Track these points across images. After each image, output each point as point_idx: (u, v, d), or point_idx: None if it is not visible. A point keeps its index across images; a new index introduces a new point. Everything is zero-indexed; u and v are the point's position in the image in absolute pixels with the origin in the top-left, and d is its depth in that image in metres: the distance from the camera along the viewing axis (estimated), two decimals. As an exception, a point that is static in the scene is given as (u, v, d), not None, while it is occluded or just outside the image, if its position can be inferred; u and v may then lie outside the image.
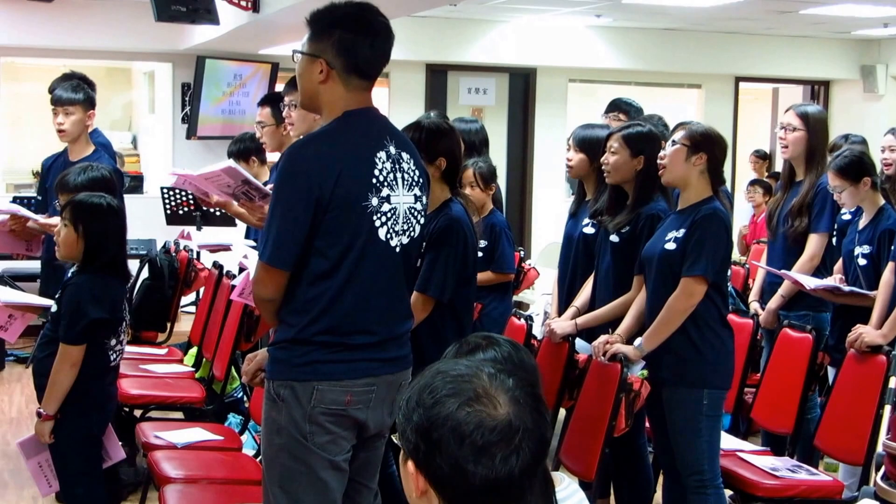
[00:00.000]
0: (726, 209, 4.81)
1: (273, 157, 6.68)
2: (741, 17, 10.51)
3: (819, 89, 12.90)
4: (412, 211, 3.63)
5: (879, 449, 3.98)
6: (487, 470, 1.85)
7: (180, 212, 9.04)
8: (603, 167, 5.10)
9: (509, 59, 11.81)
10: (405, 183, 3.60)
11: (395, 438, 2.07)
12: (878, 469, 3.91)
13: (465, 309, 4.56)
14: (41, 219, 5.85)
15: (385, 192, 3.52)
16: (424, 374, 2.00)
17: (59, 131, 6.10)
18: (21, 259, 7.28)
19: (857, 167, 5.51)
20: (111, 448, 4.78)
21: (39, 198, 6.31)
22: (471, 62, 11.77)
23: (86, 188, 4.79)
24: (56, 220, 4.92)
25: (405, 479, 2.01)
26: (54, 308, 4.65)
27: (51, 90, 6.23)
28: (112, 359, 4.66)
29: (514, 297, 7.09)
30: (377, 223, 3.51)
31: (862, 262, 5.53)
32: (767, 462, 4.97)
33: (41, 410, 4.48)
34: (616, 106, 6.79)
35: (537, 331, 5.42)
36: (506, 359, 2.58)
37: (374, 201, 3.50)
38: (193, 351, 6.85)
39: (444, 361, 2.08)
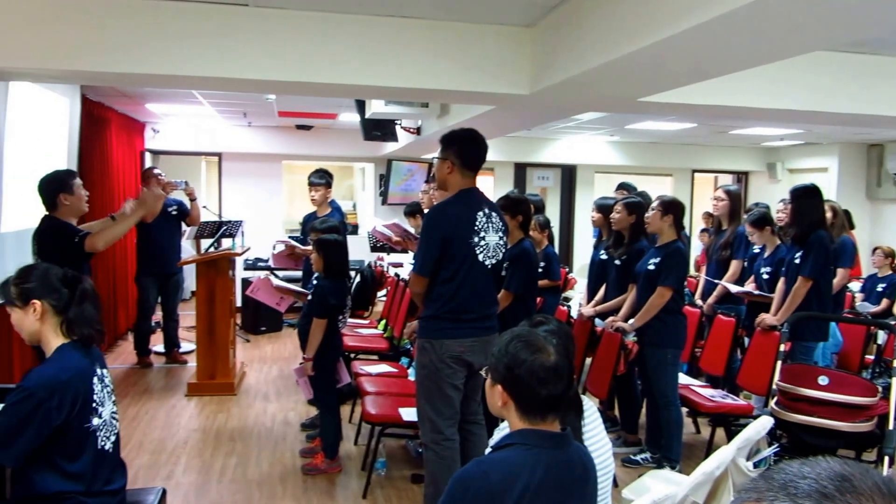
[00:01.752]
0: (685, 246, 4.72)
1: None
2: (695, 135, 10.28)
3: (742, 177, 12.51)
4: (497, 245, 3.62)
5: (773, 386, 3.82)
6: (547, 391, 1.92)
7: (378, 245, 9.15)
8: (611, 221, 5.03)
9: (562, 160, 11.65)
10: (493, 229, 3.60)
11: (483, 372, 2.07)
12: (772, 398, 3.76)
13: (532, 300, 4.49)
14: (302, 248, 5.95)
15: (482, 234, 3.54)
16: (505, 336, 2.03)
17: (312, 200, 6.20)
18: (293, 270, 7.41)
19: (762, 220, 5.41)
20: (342, 375, 4.77)
21: (302, 237, 6.40)
22: (540, 161, 11.64)
23: (324, 231, 4.86)
24: (309, 248, 4.98)
25: (491, 396, 2.02)
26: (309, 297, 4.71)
27: (309, 177, 6.36)
28: (339, 327, 4.68)
29: (563, 294, 6.98)
30: (477, 251, 3.53)
31: (765, 276, 5.34)
32: (708, 392, 4.80)
33: (305, 356, 4.53)
34: (622, 186, 6.66)
35: (574, 314, 5.34)
36: (555, 329, 2.57)
37: (475, 239, 3.52)
38: (383, 322, 6.88)
39: (517, 329, 2.10)
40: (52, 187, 4.25)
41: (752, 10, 2.25)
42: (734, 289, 5.42)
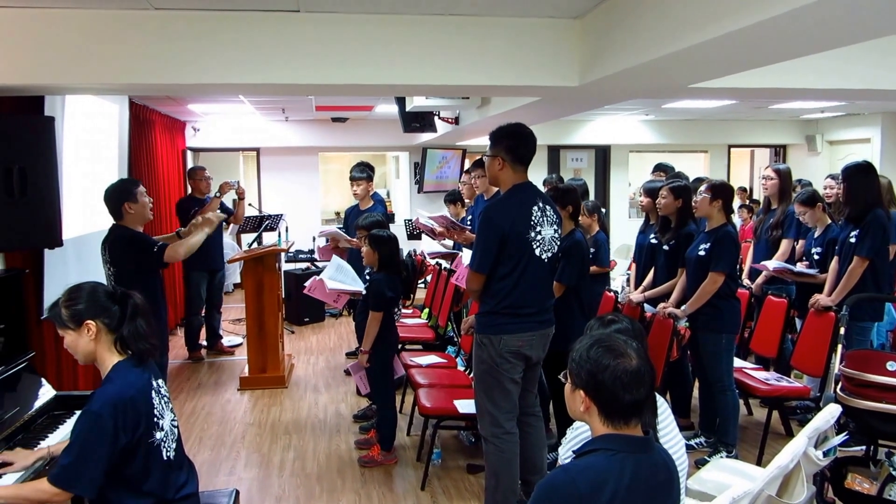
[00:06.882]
0: (735, 230, 4.61)
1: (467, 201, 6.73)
2: (732, 111, 10.11)
3: (780, 150, 12.28)
4: (553, 238, 3.57)
5: (836, 371, 3.74)
6: (630, 396, 1.90)
7: (414, 233, 9.16)
8: (658, 206, 4.96)
9: (595, 141, 11.53)
10: (548, 223, 3.54)
11: (562, 378, 2.04)
12: (835, 383, 3.68)
13: (583, 290, 4.43)
14: (348, 239, 5.91)
15: (538, 229, 3.48)
16: (584, 340, 2.00)
17: (354, 194, 6.20)
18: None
19: (813, 199, 5.28)
20: (397, 368, 4.78)
21: (344, 229, 6.40)
22: (573, 143, 11.55)
23: (371, 227, 4.85)
24: (355, 240, 4.94)
25: (571, 401, 1.99)
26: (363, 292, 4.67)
27: (350, 171, 6.34)
28: (395, 318, 4.65)
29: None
30: (534, 246, 3.47)
31: (816, 256, 5.23)
32: (762, 375, 4.75)
33: (362, 349, 4.53)
34: (659, 166, 6.60)
35: (621, 299, 5.29)
36: (628, 328, 2.54)
37: (532, 234, 3.47)
38: (426, 311, 6.88)
39: (595, 333, 2.06)
40: (117, 197, 4.27)
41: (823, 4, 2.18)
42: (772, 265, 5.30)
